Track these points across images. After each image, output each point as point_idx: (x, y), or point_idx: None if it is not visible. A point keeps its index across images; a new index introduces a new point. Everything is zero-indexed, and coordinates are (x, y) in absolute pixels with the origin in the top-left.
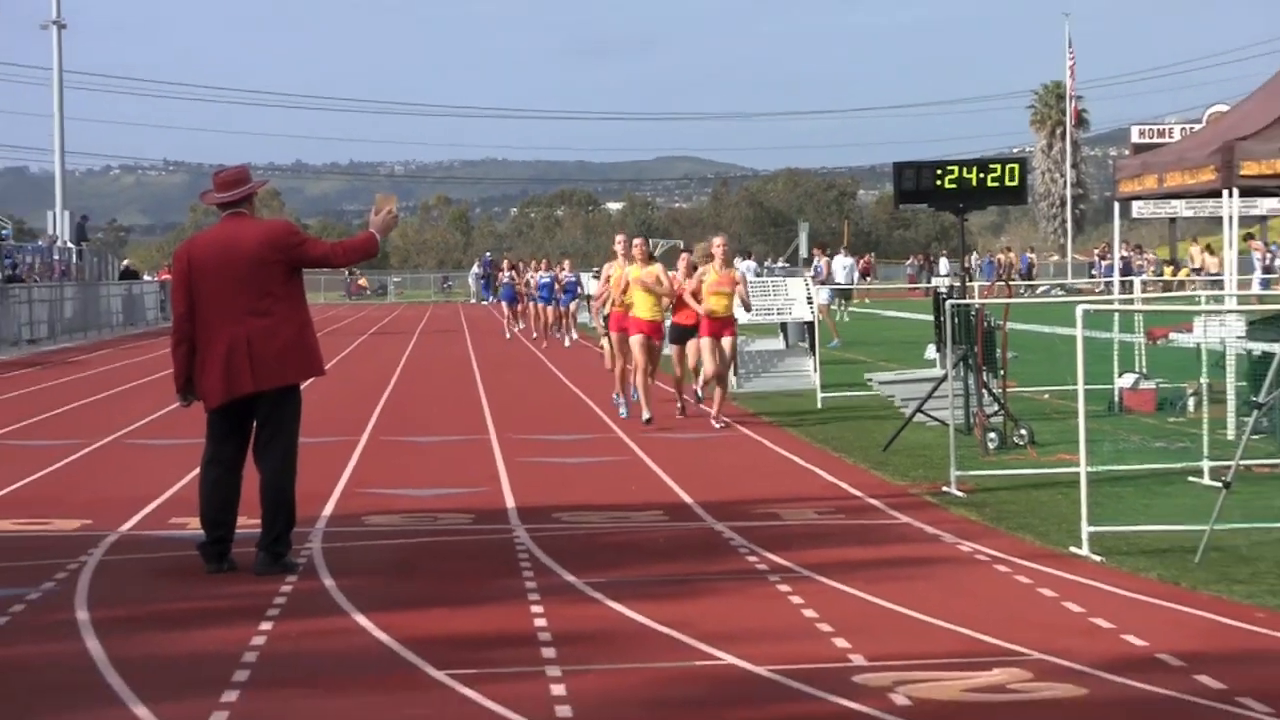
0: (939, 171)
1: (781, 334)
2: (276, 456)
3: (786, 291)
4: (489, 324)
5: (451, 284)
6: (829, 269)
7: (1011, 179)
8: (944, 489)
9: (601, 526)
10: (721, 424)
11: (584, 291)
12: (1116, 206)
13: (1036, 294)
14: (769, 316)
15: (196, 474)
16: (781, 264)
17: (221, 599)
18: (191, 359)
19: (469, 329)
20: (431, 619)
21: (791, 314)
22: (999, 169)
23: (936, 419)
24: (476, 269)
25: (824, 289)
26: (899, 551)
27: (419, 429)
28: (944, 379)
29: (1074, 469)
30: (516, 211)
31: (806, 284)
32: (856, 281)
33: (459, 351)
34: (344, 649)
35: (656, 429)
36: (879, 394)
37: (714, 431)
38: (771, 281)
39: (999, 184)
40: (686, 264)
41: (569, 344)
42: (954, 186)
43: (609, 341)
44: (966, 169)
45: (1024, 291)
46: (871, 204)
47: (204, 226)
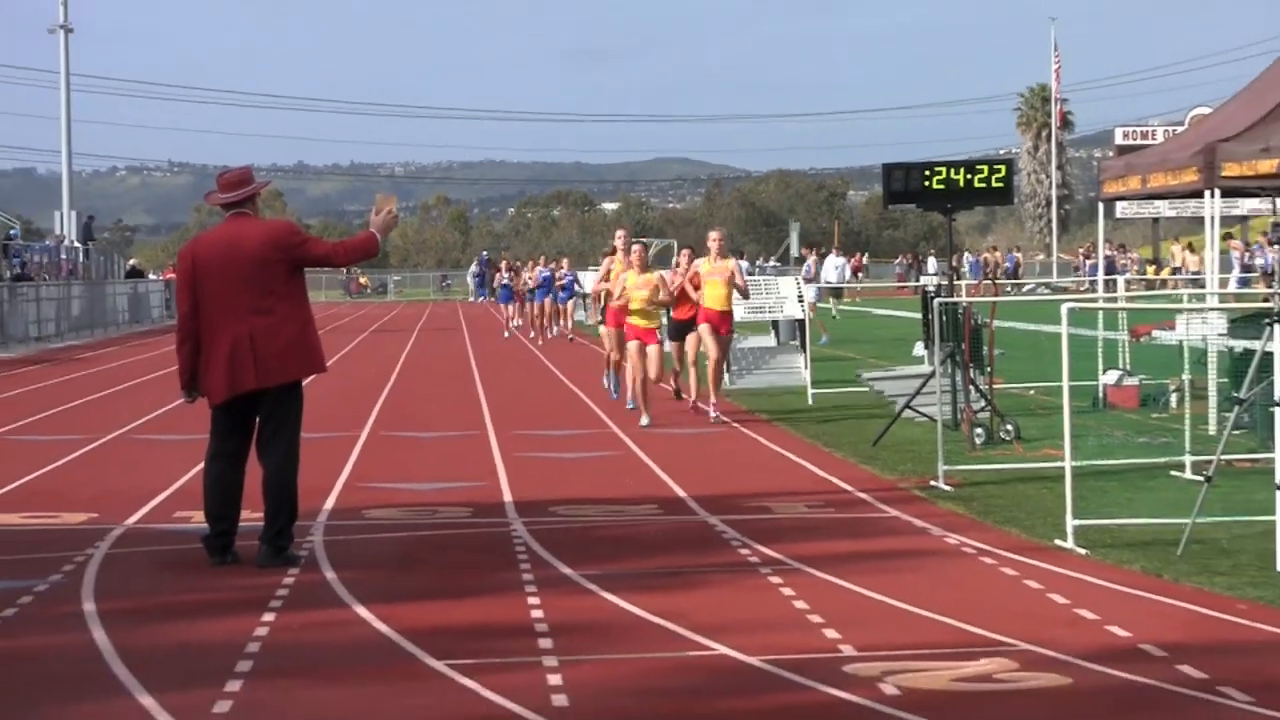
0: (927, 173)
1: (773, 331)
2: (279, 451)
3: (778, 290)
4: (487, 322)
5: (450, 283)
6: (816, 268)
7: (998, 180)
8: (932, 483)
9: (597, 520)
10: (716, 414)
11: (581, 289)
12: (1101, 207)
13: (1022, 293)
14: (761, 314)
15: (201, 469)
16: (773, 263)
17: (225, 591)
18: (196, 356)
19: (467, 327)
20: (431, 611)
21: (783, 312)
22: (986, 170)
23: (925, 415)
24: (474, 268)
25: (811, 287)
26: (888, 544)
27: (418, 425)
28: (932, 376)
29: (1059, 464)
30: (514, 211)
31: (798, 283)
32: (848, 280)
33: (458, 349)
34: (345, 640)
35: (653, 425)
36: (868, 390)
37: (708, 426)
38: (763, 280)
39: (986, 185)
40: (689, 259)
41: (570, 338)
42: (942, 187)
43: (605, 335)
44: (954, 170)
45: (1010, 290)
46: (861, 204)
47: (208, 226)
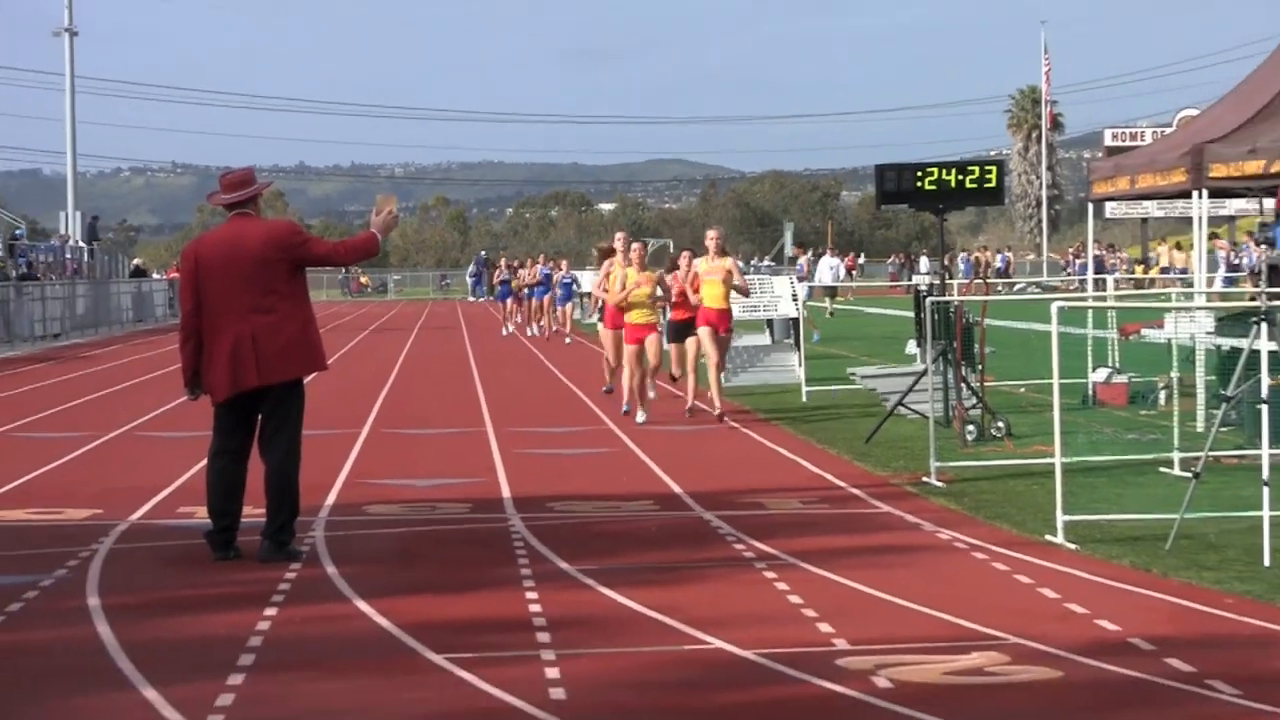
0: (919, 173)
1: (768, 330)
2: (281, 448)
3: (773, 289)
4: (486, 321)
5: (449, 282)
6: (809, 267)
7: (989, 181)
8: (924, 479)
9: (594, 516)
10: (720, 414)
11: (579, 289)
12: (1090, 207)
13: (1013, 291)
14: (755, 313)
15: (203, 465)
16: (768, 262)
17: (228, 585)
18: (199, 354)
19: (466, 326)
20: (430, 605)
21: (777, 311)
22: (977, 171)
23: (917, 412)
24: (472, 268)
25: (802, 286)
26: (881, 540)
27: (418, 422)
28: (924, 373)
29: (1049, 460)
30: (512, 212)
31: (792, 282)
32: (843, 279)
33: (457, 347)
34: (346, 634)
35: (649, 422)
36: (861, 388)
37: (703, 424)
38: (758, 279)
39: (977, 185)
40: (689, 261)
41: (569, 340)
42: (934, 188)
43: (604, 336)
44: (946, 171)
45: (1000, 289)
46: (854, 204)
47: (211, 226)
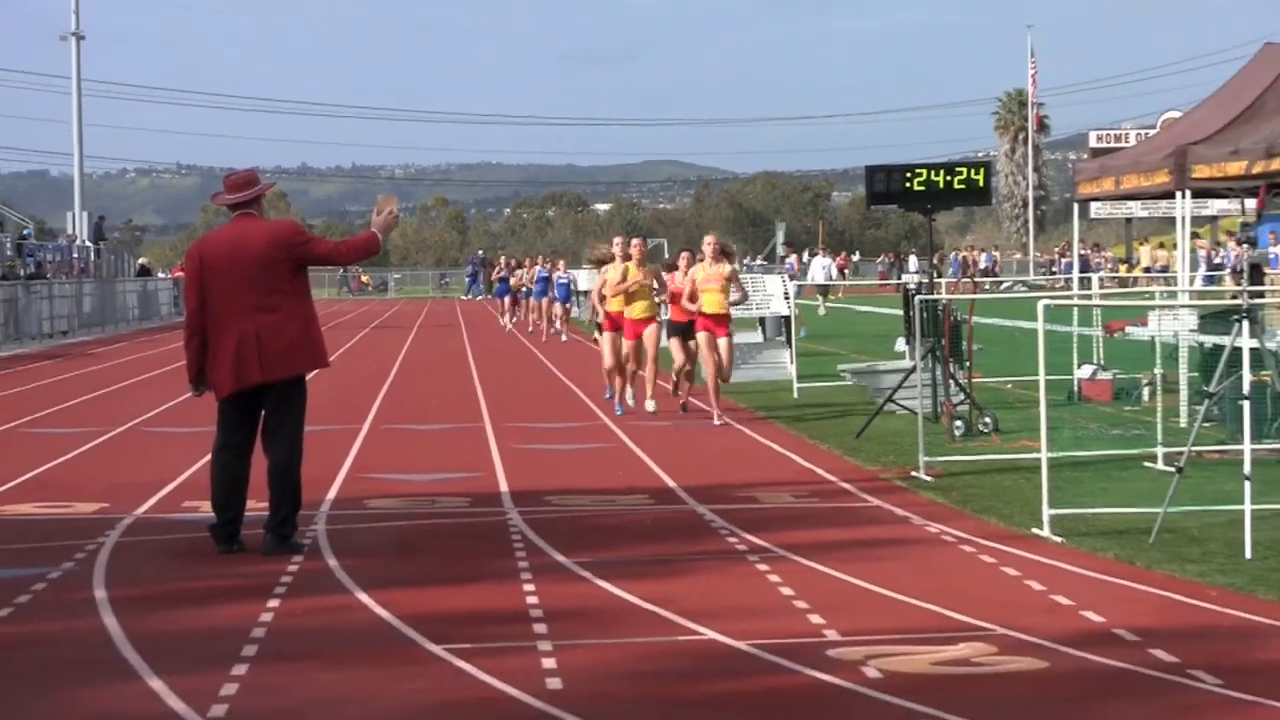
0: (908, 174)
1: (760, 328)
2: (283, 443)
3: (765, 288)
4: (484, 319)
5: (448, 281)
6: (798, 265)
7: (977, 181)
8: (913, 474)
9: (590, 509)
10: (721, 421)
11: (577, 289)
12: (1076, 207)
13: (1000, 290)
14: (748, 311)
15: (208, 460)
16: (760, 262)
17: (231, 578)
18: (204, 351)
19: (465, 324)
20: (430, 597)
21: (769, 309)
22: (965, 172)
23: (906, 408)
24: (469, 267)
25: (792, 284)
26: (870, 533)
27: (418, 418)
28: (913, 370)
29: (1035, 455)
30: (509, 212)
31: (783, 281)
32: (835, 278)
33: (456, 345)
34: (347, 625)
35: (642, 418)
36: (851, 384)
37: (698, 420)
38: (750, 278)
39: (965, 186)
40: (686, 261)
41: (565, 339)
42: (922, 188)
43: (603, 341)
44: (934, 172)
45: (988, 288)
46: (845, 205)
47: (215, 226)
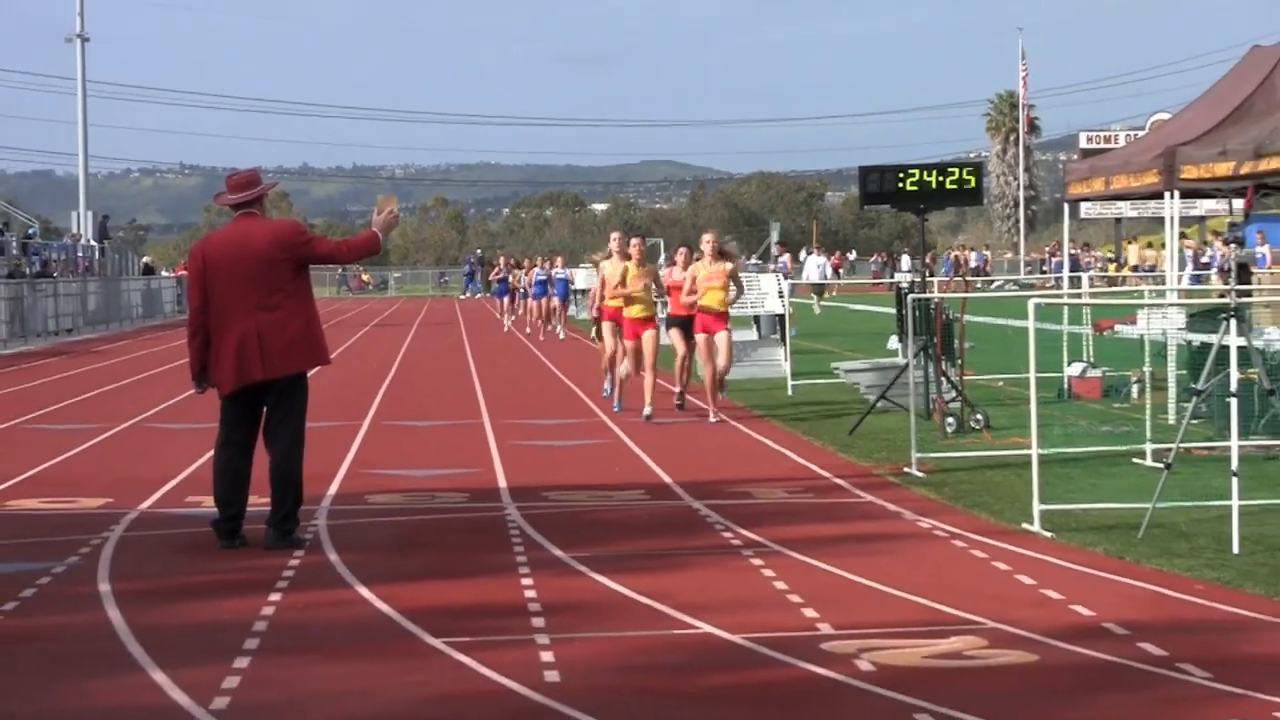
0: (901, 175)
1: (755, 326)
2: (285, 439)
3: (760, 286)
4: (482, 317)
5: (448, 280)
6: (791, 264)
7: (968, 182)
8: (905, 470)
9: (587, 505)
10: (717, 418)
11: (575, 286)
12: (1066, 207)
13: (991, 289)
14: (743, 309)
15: (210, 456)
16: (754, 261)
17: (234, 572)
18: (206, 349)
19: (464, 322)
20: (429, 591)
21: (764, 307)
22: (957, 172)
23: (899, 405)
24: (466, 267)
25: (786, 283)
26: (864, 528)
27: (418, 414)
28: (906, 368)
29: (1026, 451)
30: (508, 212)
31: (778, 280)
32: (830, 278)
33: (455, 343)
34: (347, 619)
35: (639, 415)
36: (845, 382)
37: (693, 416)
38: (746, 277)
39: (957, 186)
40: (684, 257)
41: (563, 336)
42: (915, 189)
43: (601, 332)
44: (926, 172)
45: (979, 286)
46: (838, 205)
47: (217, 226)
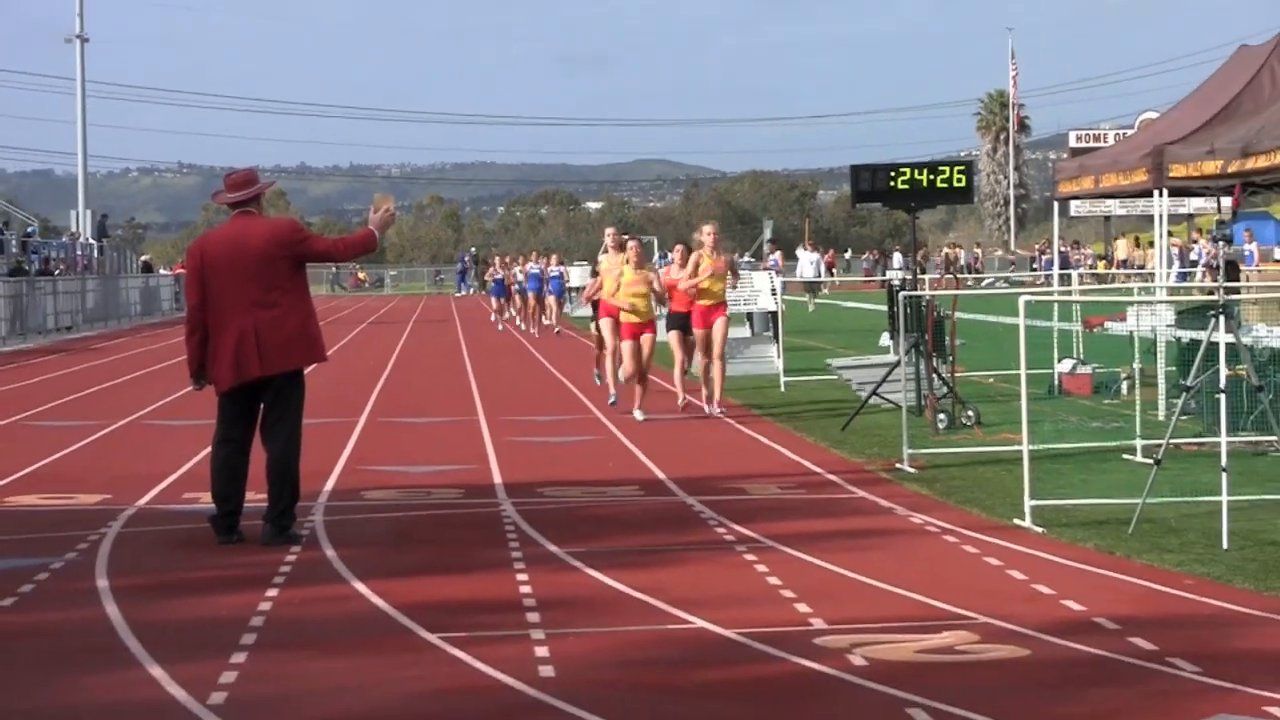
0: (892, 173)
1: (748, 322)
2: (282, 436)
3: (753, 284)
4: (478, 314)
5: (443, 277)
6: (782, 262)
7: (959, 180)
8: (897, 466)
9: (582, 501)
10: (722, 411)
11: (569, 283)
12: (1056, 206)
13: (982, 286)
14: (737, 307)
15: (208, 452)
16: (748, 258)
17: (231, 568)
18: (204, 347)
19: (459, 319)
20: (425, 586)
21: (757, 304)
22: (947, 171)
23: (890, 401)
24: (459, 266)
25: (777, 280)
26: (856, 524)
27: (413, 411)
28: (897, 364)
29: (1017, 447)
30: (503, 210)
31: (771, 277)
32: (823, 275)
33: (450, 340)
34: (344, 614)
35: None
36: (837, 378)
37: (687, 413)
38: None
39: (947, 185)
40: (682, 254)
41: (558, 331)
42: (906, 187)
43: (597, 328)
44: (917, 171)
45: (970, 284)
46: (830, 203)
47: (215, 224)
